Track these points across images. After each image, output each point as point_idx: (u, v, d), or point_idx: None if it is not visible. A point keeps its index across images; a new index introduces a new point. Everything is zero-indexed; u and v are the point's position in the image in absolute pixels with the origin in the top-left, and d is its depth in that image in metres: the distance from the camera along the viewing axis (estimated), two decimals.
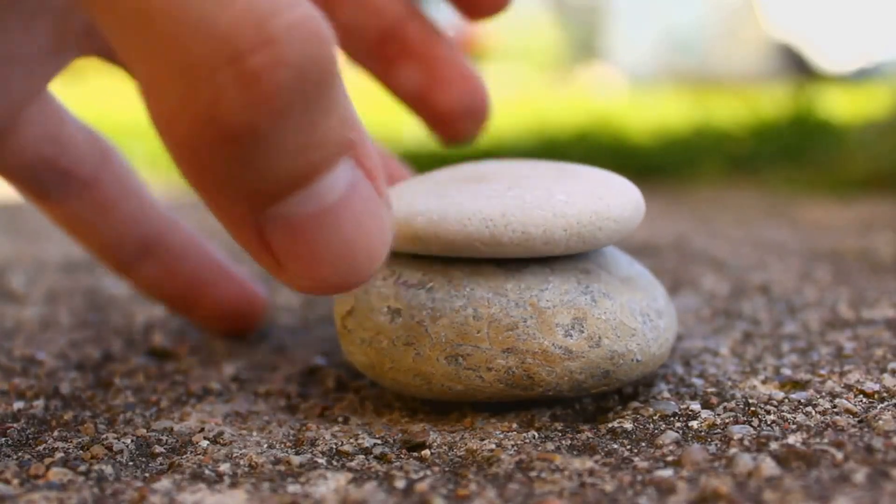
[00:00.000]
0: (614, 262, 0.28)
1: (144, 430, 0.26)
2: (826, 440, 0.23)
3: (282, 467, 0.24)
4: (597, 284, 0.26)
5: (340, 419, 0.28)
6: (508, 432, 0.25)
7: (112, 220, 0.31)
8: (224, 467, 0.23)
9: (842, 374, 0.29)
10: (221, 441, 0.25)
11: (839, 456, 0.22)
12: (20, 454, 0.24)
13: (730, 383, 0.29)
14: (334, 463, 0.24)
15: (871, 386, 0.27)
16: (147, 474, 0.23)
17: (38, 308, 0.42)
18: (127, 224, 0.32)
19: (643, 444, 0.24)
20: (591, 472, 0.22)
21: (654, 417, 0.26)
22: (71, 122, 0.30)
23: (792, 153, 1.01)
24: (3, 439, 0.26)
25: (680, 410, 0.26)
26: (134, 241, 0.32)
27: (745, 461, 0.22)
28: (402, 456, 0.24)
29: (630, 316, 0.26)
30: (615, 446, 0.24)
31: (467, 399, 0.26)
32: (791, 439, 0.24)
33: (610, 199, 0.26)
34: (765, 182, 0.95)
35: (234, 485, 0.22)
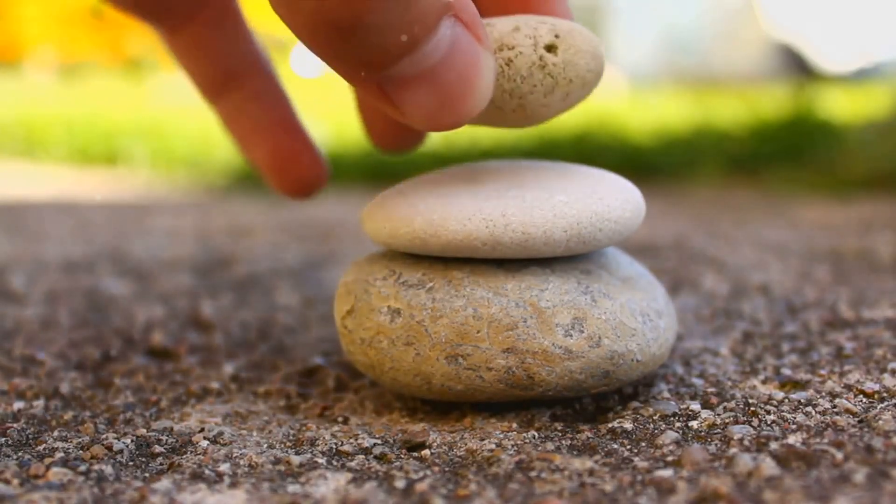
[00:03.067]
0: (615, 262, 0.28)
1: (144, 430, 0.26)
2: (826, 440, 0.23)
3: (282, 467, 0.23)
4: (597, 284, 0.26)
5: (340, 419, 0.28)
6: (508, 432, 0.25)
7: (201, 54, 0.34)
8: (224, 467, 0.23)
9: (842, 374, 0.29)
10: (221, 441, 0.25)
11: (839, 456, 0.22)
12: (20, 454, 0.24)
13: (730, 383, 0.29)
14: (334, 463, 0.24)
15: (871, 386, 0.27)
16: (147, 474, 0.23)
17: (38, 308, 0.42)
18: (212, 60, 0.35)
19: (643, 444, 0.24)
20: (591, 472, 0.22)
21: (654, 417, 0.26)
22: None
23: (792, 153, 1.01)
24: (3, 439, 0.26)
25: (680, 410, 0.26)
26: (218, 77, 0.35)
27: (745, 461, 0.22)
28: (402, 456, 0.24)
29: (630, 316, 0.26)
30: (615, 446, 0.24)
31: (467, 399, 0.26)
32: (791, 439, 0.24)
33: (610, 199, 0.26)
34: (765, 182, 0.95)
35: (234, 485, 0.22)
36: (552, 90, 0.25)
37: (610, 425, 0.26)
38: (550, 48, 0.25)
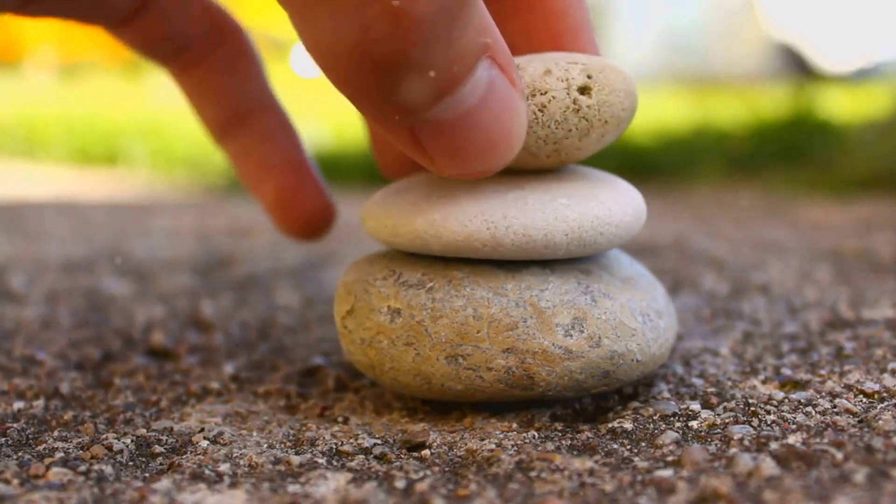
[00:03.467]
0: (615, 262, 0.28)
1: (144, 430, 0.26)
2: (826, 440, 0.23)
3: (282, 467, 0.23)
4: (597, 284, 0.26)
5: (340, 419, 0.28)
6: (508, 432, 0.25)
7: (211, 95, 0.34)
8: (224, 467, 0.23)
9: (842, 374, 0.29)
10: (221, 441, 0.25)
11: (839, 456, 0.22)
12: (20, 454, 0.24)
13: (730, 383, 0.29)
14: (334, 463, 0.24)
15: (871, 386, 0.27)
16: (147, 474, 0.23)
17: (38, 308, 0.42)
18: (222, 101, 0.34)
19: (643, 444, 0.24)
20: (591, 472, 0.22)
21: (654, 417, 0.26)
22: (194, 5, 0.33)
23: (792, 153, 1.01)
24: (3, 439, 0.26)
25: (680, 410, 0.26)
26: (226, 117, 0.34)
27: (745, 461, 0.22)
28: (402, 456, 0.24)
29: (630, 316, 0.26)
30: (615, 446, 0.24)
31: (467, 399, 0.26)
32: (791, 439, 0.24)
33: (612, 203, 0.26)
34: (765, 182, 0.95)
35: (234, 485, 0.22)
36: (587, 133, 0.25)
37: (610, 425, 0.26)
38: (584, 90, 0.25)
